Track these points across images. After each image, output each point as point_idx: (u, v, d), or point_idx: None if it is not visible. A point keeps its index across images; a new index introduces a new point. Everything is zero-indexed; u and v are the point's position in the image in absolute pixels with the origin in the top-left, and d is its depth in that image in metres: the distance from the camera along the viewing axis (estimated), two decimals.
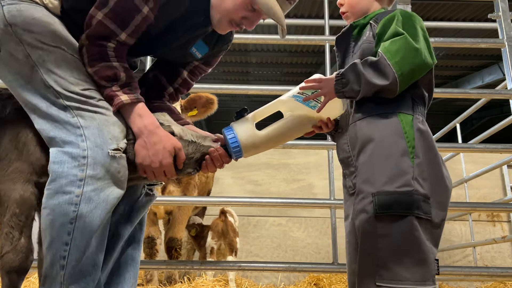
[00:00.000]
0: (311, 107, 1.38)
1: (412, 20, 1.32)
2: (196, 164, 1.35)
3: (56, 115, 1.21)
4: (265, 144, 1.40)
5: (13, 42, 1.22)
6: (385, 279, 1.17)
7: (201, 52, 1.53)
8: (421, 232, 1.18)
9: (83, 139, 1.18)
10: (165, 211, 3.43)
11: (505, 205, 2.78)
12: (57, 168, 1.16)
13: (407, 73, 1.23)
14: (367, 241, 1.22)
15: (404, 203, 1.18)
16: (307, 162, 5.29)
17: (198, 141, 1.35)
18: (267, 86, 2.56)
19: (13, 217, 1.20)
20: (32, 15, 1.24)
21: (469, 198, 4.35)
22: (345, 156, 1.40)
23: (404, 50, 1.24)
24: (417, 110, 1.31)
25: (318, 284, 4.01)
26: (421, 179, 1.21)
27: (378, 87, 1.26)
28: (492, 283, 4.25)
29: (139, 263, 1.50)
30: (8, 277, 1.19)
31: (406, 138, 1.24)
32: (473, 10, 5.58)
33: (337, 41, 1.53)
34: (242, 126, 1.38)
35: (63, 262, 1.13)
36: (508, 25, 2.52)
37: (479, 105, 3.36)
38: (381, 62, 1.26)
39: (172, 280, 3.33)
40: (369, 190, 1.23)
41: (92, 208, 1.15)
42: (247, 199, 2.43)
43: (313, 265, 2.31)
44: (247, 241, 4.86)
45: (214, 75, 7.99)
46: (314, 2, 5.41)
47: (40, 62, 1.22)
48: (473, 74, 7.45)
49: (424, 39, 1.30)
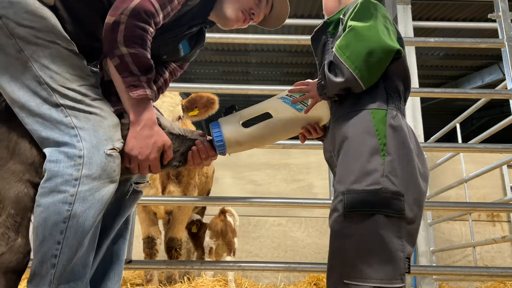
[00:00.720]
0: (298, 109, 1.40)
1: (370, 8, 1.29)
2: (181, 157, 1.38)
3: (47, 114, 1.17)
4: (249, 143, 1.42)
5: (4, 35, 1.17)
6: (351, 277, 1.16)
7: (184, 51, 1.57)
8: (388, 231, 1.17)
9: (79, 140, 1.16)
10: (165, 211, 3.44)
11: (505, 205, 2.78)
12: (52, 167, 1.15)
13: (362, 65, 1.21)
14: (336, 239, 1.23)
15: (372, 202, 1.17)
16: (307, 162, 5.29)
17: (185, 135, 1.37)
18: (267, 86, 2.55)
19: (8, 218, 1.18)
20: (25, 7, 1.18)
21: (469, 198, 4.35)
22: (328, 156, 1.40)
23: (353, 43, 1.22)
24: (391, 104, 1.28)
25: (318, 284, 4.01)
26: (393, 176, 1.19)
27: (338, 85, 1.25)
28: (492, 283, 4.26)
29: (124, 261, 1.51)
30: (5, 277, 1.18)
31: (377, 136, 1.23)
32: (473, 10, 5.58)
33: (312, 40, 1.52)
34: (229, 123, 1.41)
35: (54, 261, 1.12)
36: (508, 25, 2.52)
37: (479, 105, 3.35)
38: (335, 60, 1.26)
39: (172, 280, 3.33)
40: (340, 189, 1.23)
41: (86, 208, 1.15)
42: (247, 199, 2.43)
43: (313, 265, 2.31)
44: (247, 241, 4.86)
45: (214, 75, 8.00)
46: (314, 2, 5.42)
47: (35, 58, 1.18)
48: (473, 74, 7.45)
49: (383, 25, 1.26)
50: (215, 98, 2.99)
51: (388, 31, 1.27)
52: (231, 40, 2.78)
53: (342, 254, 1.20)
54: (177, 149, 1.36)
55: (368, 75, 1.23)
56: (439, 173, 4.92)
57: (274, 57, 7.16)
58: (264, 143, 1.48)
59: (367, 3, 1.31)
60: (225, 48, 6.83)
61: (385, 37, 1.23)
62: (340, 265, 1.20)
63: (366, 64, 1.22)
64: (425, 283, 3.75)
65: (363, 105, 1.28)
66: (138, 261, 2.20)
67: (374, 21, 1.25)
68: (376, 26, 1.24)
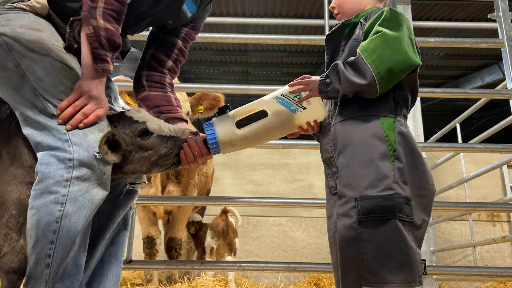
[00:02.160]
0: (292, 110, 1.38)
1: (398, 19, 1.30)
2: (175, 159, 1.35)
3: (43, 122, 1.22)
4: (242, 144, 1.41)
5: (4, 52, 1.23)
6: (370, 282, 1.17)
7: (191, 11, 1.56)
8: (405, 235, 1.18)
9: (70, 144, 1.19)
10: (165, 211, 3.44)
11: (505, 205, 2.78)
12: (44, 169, 1.17)
13: (385, 72, 1.21)
14: (351, 245, 1.21)
15: (387, 207, 1.18)
16: (307, 162, 5.29)
17: (177, 135, 1.34)
18: (267, 86, 2.56)
19: (11, 219, 1.21)
20: (20, 23, 1.25)
21: (469, 198, 4.35)
22: (327, 156, 1.39)
23: (381, 49, 1.22)
24: (399, 112, 1.30)
25: (318, 284, 4.01)
26: (402, 182, 1.21)
27: (357, 86, 1.24)
28: (492, 283, 4.25)
29: (122, 262, 1.51)
30: (7, 277, 1.20)
31: (387, 142, 1.24)
32: (473, 10, 5.58)
33: (327, 39, 1.51)
34: (222, 123, 1.39)
35: (48, 261, 1.14)
36: (508, 25, 2.52)
37: (479, 105, 3.35)
38: (358, 61, 1.25)
39: (172, 280, 3.33)
40: (351, 195, 1.22)
41: (77, 207, 1.17)
42: (247, 199, 2.43)
43: (313, 265, 2.31)
44: (247, 241, 4.86)
45: (214, 75, 8.00)
46: (314, 2, 5.41)
47: (30, 71, 1.23)
48: (473, 74, 7.46)
49: (409, 39, 1.28)
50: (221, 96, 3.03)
51: (412, 44, 1.28)
52: (231, 40, 2.79)
53: (359, 260, 1.19)
54: (170, 152, 1.32)
55: (387, 83, 1.24)
56: (439, 173, 4.92)
57: (274, 57, 7.17)
58: (257, 143, 1.47)
59: (395, 12, 1.31)
60: (225, 48, 6.83)
61: (409, 50, 1.24)
62: (357, 271, 1.20)
63: (388, 72, 1.22)
64: (425, 283, 3.75)
65: (372, 111, 1.28)
66: (138, 261, 2.20)
67: (401, 32, 1.26)
68: (403, 37, 1.25)
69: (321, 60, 6.84)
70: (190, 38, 1.69)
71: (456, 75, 7.67)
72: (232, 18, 5.16)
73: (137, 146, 1.30)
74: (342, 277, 1.25)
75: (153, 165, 1.33)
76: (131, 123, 1.31)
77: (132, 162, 1.31)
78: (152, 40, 1.67)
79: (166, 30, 1.64)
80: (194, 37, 1.71)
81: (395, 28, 1.26)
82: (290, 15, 5.80)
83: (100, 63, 1.26)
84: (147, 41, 1.68)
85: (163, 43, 1.64)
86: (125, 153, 1.29)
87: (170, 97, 1.61)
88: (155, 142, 1.31)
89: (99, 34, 1.24)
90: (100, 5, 1.24)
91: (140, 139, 1.29)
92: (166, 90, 1.62)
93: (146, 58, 1.64)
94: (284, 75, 7.88)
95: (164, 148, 1.31)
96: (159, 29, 1.66)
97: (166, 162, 1.34)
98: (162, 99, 1.59)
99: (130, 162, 1.31)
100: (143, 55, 1.66)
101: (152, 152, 1.31)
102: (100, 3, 1.24)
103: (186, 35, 1.67)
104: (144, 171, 1.35)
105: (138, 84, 1.64)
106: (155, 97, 1.58)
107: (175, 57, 1.65)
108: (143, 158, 1.31)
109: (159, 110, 1.57)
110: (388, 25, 1.26)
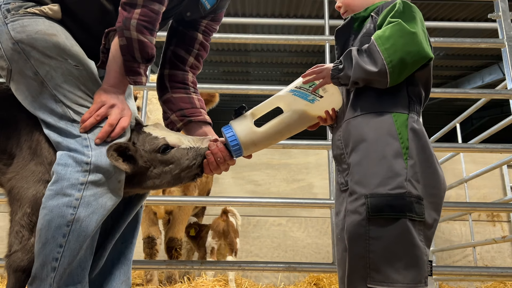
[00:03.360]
0: (310, 101, 1.36)
1: (412, 11, 1.28)
2: (198, 169, 1.33)
3: (64, 128, 1.22)
4: (264, 142, 1.38)
5: (22, 59, 1.24)
6: (376, 281, 1.16)
7: (210, 2, 1.53)
8: (414, 235, 1.17)
9: (89, 149, 1.19)
10: (165, 211, 3.44)
11: (505, 205, 2.78)
12: (60, 170, 1.17)
13: (397, 61, 1.19)
14: (359, 242, 1.21)
15: (397, 206, 1.17)
16: (307, 162, 5.29)
17: (197, 145, 1.33)
18: (267, 86, 2.56)
19: (24, 216, 1.20)
20: (35, 28, 1.25)
21: (469, 198, 4.35)
22: (338, 153, 1.37)
23: (396, 37, 1.20)
24: (412, 108, 1.28)
25: (318, 284, 4.01)
26: (415, 180, 1.20)
27: (367, 73, 1.22)
28: (492, 283, 4.26)
29: (131, 261, 1.50)
30: (15, 275, 1.19)
31: (400, 139, 1.22)
32: (473, 10, 5.57)
33: (336, 34, 1.49)
34: (241, 124, 1.36)
35: (55, 264, 1.13)
36: (508, 25, 2.52)
37: (479, 105, 3.36)
38: (371, 48, 1.23)
39: (172, 280, 3.33)
40: (361, 192, 1.21)
41: (89, 212, 1.16)
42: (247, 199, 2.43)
43: (313, 265, 2.31)
44: (247, 241, 4.86)
45: (214, 75, 8.00)
46: (314, 2, 5.41)
47: (49, 78, 1.24)
48: (473, 74, 7.46)
49: (423, 31, 1.26)
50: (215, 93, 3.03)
51: (426, 37, 1.26)
52: (231, 40, 2.79)
53: (366, 257, 1.19)
54: (192, 163, 1.31)
55: (398, 73, 1.21)
56: None
57: (274, 57, 7.16)
58: (279, 139, 1.42)
59: (408, 5, 1.29)
60: (225, 48, 6.83)
61: (424, 42, 1.22)
62: (364, 268, 1.19)
63: (400, 62, 1.19)
64: None
65: (385, 108, 1.27)
66: (138, 261, 2.20)
67: (416, 24, 1.24)
68: (418, 29, 1.23)
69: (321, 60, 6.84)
70: (211, 30, 1.66)
71: (456, 75, 7.67)
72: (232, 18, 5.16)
73: (158, 161, 1.28)
74: (348, 274, 1.24)
75: (175, 178, 1.31)
76: (151, 140, 1.30)
77: (150, 177, 1.30)
78: (172, 34, 1.64)
79: (186, 23, 1.61)
80: (215, 29, 1.67)
81: (410, 20, 1.24)
82: (290, 15, 5.79)
83: (132, 76, 1.27)
84: (167, 36, 1.65)
85: (183, 38, 1.61)
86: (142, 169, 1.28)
87: (193, 99, 1.58)
88: (176, 156, 1.29)
89: (132, 46, 1.24)
90: (135, 16, 1.23)
91: (161, 155, 1.28)
92: (189, 90, 1.60)
93: (167, 55, 1.62)
94: (284, 75, 7.88)
95: (186, 160, 1.30)
96: (178, 22, 1.63)
97: (189, 174, 1.32)
98: (185, 102, 1.56)
99: (149, 177, 1.30)
100: (164, 52, 1.64)
101: (174, 166, 1.29)
102: (135, 14, 1.23)
103: (207, 27, 1.64)
104: (165, 185, 1.33)
105: (160, 85, 1.62)
106: (178, 99, 1.56)
107: (196, 52, 1.62)
108: (164, 173, 1.30)
109: (182, 113, 1.54)
110: (402, 18, 1.24)
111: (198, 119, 1.54)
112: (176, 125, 1.56)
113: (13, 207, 1.23)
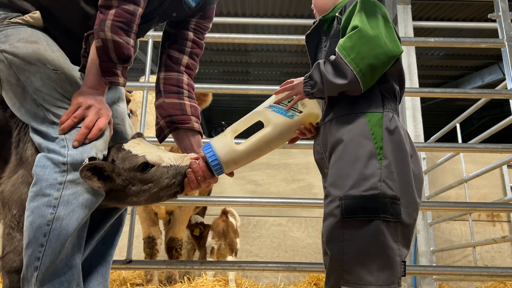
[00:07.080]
0: (289, 116, 1.35)
1: (372, 8, 1.26)
2: (178, 187, 1.31)
3: (45, 130, 1.25)
4: (245, 159, 1.37)
5: (6, 68, 1.27)
6: (349, 282, 1.16)
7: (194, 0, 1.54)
8: (387, 236, 1.16)
9: (66, 149, 1.20)
10: (166, 211, 3.44)
11: (505, 205, 2.78)
12: (39, 172, 1.18)
13: (366, 68, 1.18)
14: (334, 245, 1.20)
15: (370, 208, 1.16)
16: (307, 162, 5.29)
17: (177, 163, 1.30)
18: (267, 86, 2.56)
19: (13, 218, 1.22)
20: (17, 37, 1.28)
21: (469, 198, 4.34)
22: (318, 157, 1.37)
23: (359, 44, 1.19)
24: (387, 106, 1.26)
25: (318, 284, 4.01)
26: (390, 180, 1.18)
27: (339, 87, 1.23)
28: (492, 283, 4.26)
29: (111, 263, 1.49)
30: (9, 277, 1.20)
31: (373, 139, 1.21)
32: (473, 10, 5.58)
33: (307, 39, 1.48)
34: (220, 142, 1.36)
35: (37, 264, 1.13)
36: (508, 25, 2.53)
37: (479, 105, 3.36)
38: (338, 61, 1.22)
39: (172, 280, 3.33)
40: (336, 194, 1.21)
41: (69, 211, 1.16)
42: (247, 199, 2.43)
43: (313, 265, 2.31)
44: (247, 241, 4.86)
45: (214, 75, 8.00)
46: None
47: (29, 83, 1.26)
48: (473, 74, 7.46)
49: (386, 27, 1.25)
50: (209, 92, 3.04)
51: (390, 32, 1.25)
52: (231, 40, 2.79)
53: (340, 259, 1.19)
54: (172, 181, 1.28)
55: (370, 78, 1.21)
56: (439, 173, 4.93)
57: (274, 57, 7.17)
58: (260, 155, 1.41)
59: (368, 2, 1.28)
60: (225, 48, 6.83)
61: (389, 41, 1.21)
62: (338, 270, 1.19)
63: (369, 68, 1.19)
64: (425, 283, 3.75)
65: (359, 109, 1.26)
66: (138, 261, 2.20)
67: (377, 22, 1.23)
68: (379, 28, 1.22)
69: None
70: (203, 28, 1.66)
71: (456, 75, 7.67)
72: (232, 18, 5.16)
73: (137, 180, 1.27)
74: (326, 277, 1.25)
75: (154, 197, 1.30)
76: (131, 158, 1.27)
77: (129, 194, 1.28)
78: (165, 38, 1.65)
79: (176, 24, 1.62)
80: (206, 26, 1.67)
81: (370, 19, 1.23)
82: (290, 15, 5.80)
83: (108, 76, 1.27)
84: (162, 40, 1.66)
85: (175, 39, 1.62)
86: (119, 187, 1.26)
87: (184, 105, 1.56)
88: (156, 175, 1.27)
89: (107, 47, 1.25)
90: (109, 18, 1.24)
91: (141, 173, 1.26)
92: (182, 95, 1.58)
93: (162, 58, 1.62)
94: (284, 75, 7.88)
95: (166, 179, 1.27)
96: (171, 26, 1.64)
97: (168, 193, 1.31)
98: (176, 108, 1.54)
99: (127, 194, 1.28)
100: (160, 56, 1.64)
101: (153, 184, 1.28)
102: (110, 15, 1.25)
103: (197, 25, 1.64)
104: (143, 202, 1.32)
105: (156, 89, 1.62)
106: (168, 105, 1.54)
107: (190, 50, 1.62)
108: (143, 191, 1.28)
109: (172, 119, 1.54)
110: (363, 18, 1.23)
111: (185, 126, 1.53)
112: (164, 131, 1.56)
113: (3, 210, 1.25)
